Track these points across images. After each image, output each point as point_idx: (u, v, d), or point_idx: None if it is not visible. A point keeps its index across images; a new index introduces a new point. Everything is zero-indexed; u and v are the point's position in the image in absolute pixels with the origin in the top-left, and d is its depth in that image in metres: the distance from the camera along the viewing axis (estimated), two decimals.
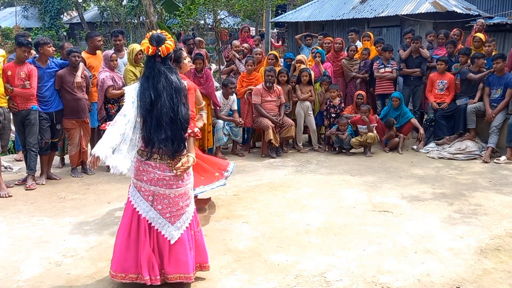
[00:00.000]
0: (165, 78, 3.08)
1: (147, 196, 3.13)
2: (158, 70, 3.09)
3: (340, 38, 8.84)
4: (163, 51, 3.11)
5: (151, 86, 3.06)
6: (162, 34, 3.17)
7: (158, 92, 3.04)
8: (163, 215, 3.14)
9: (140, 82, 3.15)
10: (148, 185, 3.12)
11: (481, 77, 7.39)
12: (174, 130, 3.06)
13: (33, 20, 26.64)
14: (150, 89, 3.05)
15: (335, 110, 7.74)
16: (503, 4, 12.61)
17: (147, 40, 3.11)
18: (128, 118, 3.07)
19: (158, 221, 3.13)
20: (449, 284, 3.30)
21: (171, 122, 3.05)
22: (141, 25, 20.05)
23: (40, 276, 3.49)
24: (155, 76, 3.08)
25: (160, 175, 3.10)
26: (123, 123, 3.07)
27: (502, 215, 4.64)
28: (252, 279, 3.41)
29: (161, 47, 3.10)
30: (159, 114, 3.03)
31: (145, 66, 3.19)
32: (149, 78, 3.10)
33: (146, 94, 3.06)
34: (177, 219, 3.16)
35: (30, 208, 5.02)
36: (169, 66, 3.18)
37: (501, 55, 7.19)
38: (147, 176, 3.11)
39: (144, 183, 3.13)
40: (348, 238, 4.12)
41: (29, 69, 5.63)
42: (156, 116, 3.03)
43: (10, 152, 7.83)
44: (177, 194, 3.15)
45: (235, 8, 12.95)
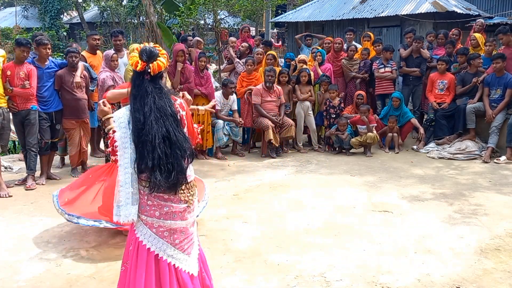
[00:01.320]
0: (153, 101, 2.61)
1: (161, 233, 2.67)
2: (145, 89, 2.63)
3: (340, 38, 8.84)
4: (153, 69, 2.65)
5: (139, 108, 2.61)
6: (155, 49, 2.71)
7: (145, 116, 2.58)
8: (181, 249, 2.72)
9: (130, 103, 2.69)
10: (162, 220, 2.66)
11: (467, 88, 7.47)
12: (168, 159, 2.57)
13: (33, 20, 26.63)
14: (139, 111, 2.61)
15: (335, 111, 7.74)
16: (503, 4, 12.61)
17: (137, 54, 2.66)
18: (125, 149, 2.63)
19: (179, 257, 2.70)
20: (449, 284, 3.30)
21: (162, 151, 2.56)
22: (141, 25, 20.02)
23: (40, 276, 3.49)
24: (142, 97, 2.62)
25: (175, 208, 2.66)
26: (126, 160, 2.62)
27: (502, 215, 4.63)
28: (252, 279, 3.41)
29: (151, 64, 2.65)
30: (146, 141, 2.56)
31: (133, 84, 2.69)
32: (136, 97, 2.64)
33: (137, 117, 2.60)
34: (192, 249, 2.78)
35: (30, 208, 5.02)
36: (159, 86, 2.70)
37: (501, 55, 7.18)
38: (159, 210, 2.64)
39: (156, 218, 2.65)
40: (348, 238, 4.12)
41: (29, 69, 5.63)
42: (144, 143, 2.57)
43: (10, 152, 7.83)
44: (190, 223, 2.76)
45: (235, 8, 12.94)
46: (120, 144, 2.62)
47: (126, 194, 2.58)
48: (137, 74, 2.68)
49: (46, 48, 5.82)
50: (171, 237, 2.68)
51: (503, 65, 7.12)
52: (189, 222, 2.75)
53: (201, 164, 6.93)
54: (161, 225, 2.66)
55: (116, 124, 2.64)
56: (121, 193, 2.57)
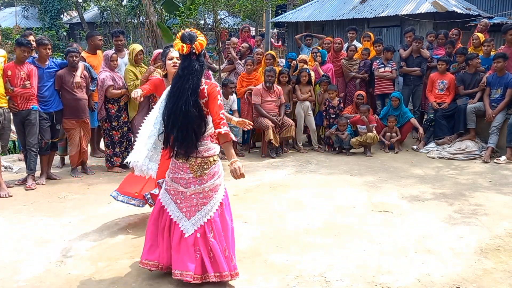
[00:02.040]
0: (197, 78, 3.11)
1: (170, 191, 3.31)
2: (192, 68, 3.10)
3: (340, 38, 8.85)
4: (197, 48, 3.13)
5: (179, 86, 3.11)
6: (192, 32, 3.18)
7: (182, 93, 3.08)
8: (180, 210, 3.28)
9: (172, 83, 3.21)
10: (172, 182, 3.29)
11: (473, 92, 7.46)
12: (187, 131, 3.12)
13: (33, 20, 26.61)
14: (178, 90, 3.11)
15: (334, 111, 7.74)
16: (503, 4, 12.60)
17: (179, 40, 3.12)
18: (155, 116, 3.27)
19: (177, 215, 3.28)
20: (449, 284, 3.29)
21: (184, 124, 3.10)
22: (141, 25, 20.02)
23: (40, 276, 3.49)
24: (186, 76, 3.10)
25: (182, 175, 3.23)
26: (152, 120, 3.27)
27: (502, 215, 4.63)
28: (252, 279, 3.41)
29: (194, 44, 3.12)
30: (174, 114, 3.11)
31: (180, 66, 3.18)
32: (181, 77, 3.12)
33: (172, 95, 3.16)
34: (192, 215, 3.26)
35: (30, 208, 5.02)
36: (203, 62, 3.19)
37: (503, 55, 7.18)
38: (173, 174, 3.27)
39: (169, 179, 3.30)
40: (348, 238, 4.12)
41: (29, 69, 5.63)
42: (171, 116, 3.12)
43: (10, 152, 7.83)
44: (192, 192, 3.24)
45: (235, 8, 12.94)
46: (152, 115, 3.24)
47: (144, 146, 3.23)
48: (184, 56, 3.13)
49: (47, 48, 5.82)
50: (175, 197, 3.28)
51: (504, 64, 7.12)
52: (192, 191, 3.23)
53: None
54: (170, 185, 3.28)
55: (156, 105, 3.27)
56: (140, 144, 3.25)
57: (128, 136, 6.54)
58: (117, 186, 5.80)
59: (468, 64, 7.55)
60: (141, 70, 6.35)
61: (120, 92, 6.26)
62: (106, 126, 6.39)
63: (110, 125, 6.37)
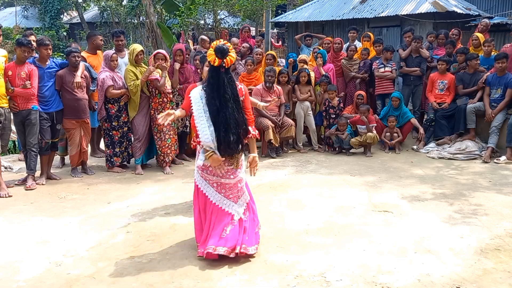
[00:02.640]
0: (230, 89, 3.54)
1: (211, 183, 3.73)
2: (222, 80, 3.52)
3: (340, 38, 8.85)
4: (227, 63, 3.53)
5: (216, 96, 3.52)
6: (226, 46, 3.54)
7: (225, 102, 3.51)
8: (227, 197, 3.74)
9: (206, 90, 3.59)
10: (212, 176, 3.70)
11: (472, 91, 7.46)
12: (237, 134, 3.57)
13: (33, 20, 26.62)
14: (215, 98, 3.52)
15: (334, 111, 7.74)
16: (503, 4, 12.60)
17: (213, 52, 3.50)
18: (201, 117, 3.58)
19: (224, 202, 3.73)
20: (449, 284, 3.29)
21: (235, 128, 3.55)
22: (141, 25, 20.03)
23: (40, 276, 3.49)
24: (220, 86, 3.53)
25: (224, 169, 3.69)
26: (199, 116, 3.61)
27: (502, 215, 4.63)
28: (252, 279, 3.41)
29: (225, 59, 3.51)
30: (225, 121, 3.51)
31: (210, 75, 3.59)
32: (213, 86, 3.54)
33: (212, 102, 3.53)
34: (238, 199, 3.79)
35: (30, 208, 5.02)
36: (230, 75, 3.60)
37: (506, 55, 7.18)
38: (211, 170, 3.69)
39: (209, 175, 3.71)
40: (348, 238, 4.12)
41: (30, 69, 5.63)
42: (222, 122, 3.51)
43: (10, 152, 7.83)
44: (235, 180, 3.76)
45: (235, 8, 12.96)
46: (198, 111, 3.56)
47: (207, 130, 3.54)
48: (214, 67, 3.55)
49: (48, 48, 5.83)
50: (219, 187, 3.72)
51: (507, 65, 7.11)
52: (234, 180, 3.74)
53: None
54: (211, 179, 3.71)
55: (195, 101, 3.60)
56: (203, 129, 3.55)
57: (128, 136, 6.54)
58: (117, 186, 5.82)
59: (468, 64, 7.55)
60: (141, 70, 6.35)
61: (120, 92, 6.26)
62: (106, 126, 6.40)
63: (110, 125, 6.37)
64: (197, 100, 3.61)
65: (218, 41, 3.59)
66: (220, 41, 3.59)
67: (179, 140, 6.87)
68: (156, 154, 6.63)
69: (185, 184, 5.89)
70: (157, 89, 6.30)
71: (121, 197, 5.38)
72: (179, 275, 3.47)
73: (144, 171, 6.45)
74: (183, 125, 6.94)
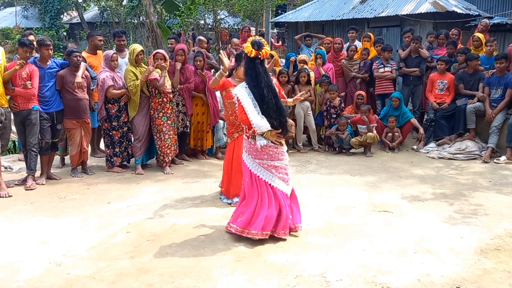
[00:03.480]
0: (266, 78, 3.93)
1: (270, 168, 4.07)
2: (258, 70, 3.92)
3: (340, 38, 8.85)
4: (263, 55, 3.94)
5: (257, 85, 3.90)
6: (261, 40, 3.96)
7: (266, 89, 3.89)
8: (284, 180, 4.12)
9: (247, 81, 3.98)
10: (269, 161, 4.06)
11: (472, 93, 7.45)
12: (282, 118, 3.96)
13: (33, 20, 26.62)
14: (257, 87, 3.90)
15: (336, 111, 7.74)
16: (503, 4, 12.61)
17: (250, 44, 3.90)
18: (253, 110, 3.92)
19: (281, 184, 4.10)
20: (449, 284, 3.29)
21: (278, 113, 3.92)
22: (141, 25, 20.04)
23: (40, 276, 3.49)
24: (258, 75, 3.91)
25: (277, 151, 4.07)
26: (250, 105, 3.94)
27: (502, 215, 4.63)
28: (252, 279, 3.41)
29: (261, 51, 3.91)
30: (268, 107, 3.87)
31: (247, 66, 3.98)
32: (252, 77, 3.93)
33: (254, 91, 3.91)
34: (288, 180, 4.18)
35: (30, 208, 5.02)
36: (265, 68, 3.99)
37: (505, 55, 7.19)
38: (268, 154, 4.05)
39: (266, 160, 4.05)
40: (348, 238, 4.12)
41: (31, 69, 5.63)
42: (266, 109, 3.87)
43: (10, 152, 7.83)
44: (285, 162, 4.14)
45: (235, 8, 12.96)
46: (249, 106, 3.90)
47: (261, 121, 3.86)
48: (251, 59, 3.94)
49: (48, 49, 5.82)
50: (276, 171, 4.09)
51: (506, 65, 7.12)
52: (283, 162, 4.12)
53: (201, 164, 6.93)
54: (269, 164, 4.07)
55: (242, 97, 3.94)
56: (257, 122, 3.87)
57: (128, 136, 6.54)
58: (117, 186, 5.83)
59: (468, 64, 7.55)
60: (141, 70, 6.35)
61: (120, 92, 6.26)
62: (106, 126, 6.39)
63: (110, 125, 6.37)
64: (245, 96, 3.95)
65: (254, 37, 4.02)
66: (255, 36, 4.02)
67: (179, 140, 6.87)
68: (156, 154, 6.63)
69: (185, 184, 5.89)
70: (157, 89, 6.30)
71: (121, 197, 5.38)
72: (179, 275, 3.47)
73: (144, 171, 6.45)
74: (183, 125, 6.94)
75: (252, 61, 3.94)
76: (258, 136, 4.01)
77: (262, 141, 4.02)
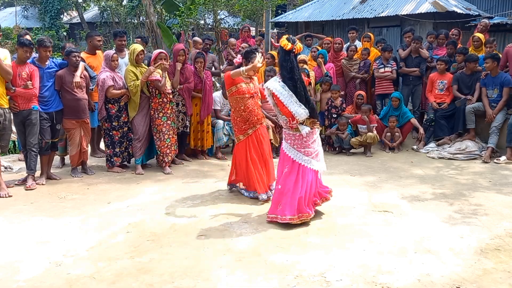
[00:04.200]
0: (298, 71, 4.39)
1: (311, 154, 4.50)
2: (292, 62, 4.34)
3: (340, 38, 8.85)
4: (297, 49, 4.37)
5: (291, 77, 4.31)
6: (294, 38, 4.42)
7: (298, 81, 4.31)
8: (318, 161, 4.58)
9: (282, 73, 4.38)
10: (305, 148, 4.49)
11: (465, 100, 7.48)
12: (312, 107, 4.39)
13: (33, 20, 26.63)
14: (291, 79, 4.30)
15: (337, 111, 7.74)
16: (503, 4, 12.60)
17: (285, 39, 4.35)
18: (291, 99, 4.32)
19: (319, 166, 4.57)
20: (449, 284, 3.29)
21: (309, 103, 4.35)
22: (141, 25, 20.04)
23: (40, 276, 3.49)
24: (293, 68, 4.33)
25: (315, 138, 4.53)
26: None
27: (502, 215, 4.64)
28: (252, 279, 3.41)
29: (295, 46, 4.33)
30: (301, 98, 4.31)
31: (283, 59, 4.35)
32: (288, 69, 4.32)
33: (289, 83, 4.30)
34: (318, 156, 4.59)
35: (30, 208, 5.02)
36: (297, 61, 4.49)
37: (492, 55, 7.21)
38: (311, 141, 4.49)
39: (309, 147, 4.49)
40: (348, 238, 4.12)
41: (31, 69, 5.62)
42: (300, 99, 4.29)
43: (10, 152, 7.83)
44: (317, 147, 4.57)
45: (235, 8, 12.95)
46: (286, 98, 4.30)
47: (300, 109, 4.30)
48: (286, 52, 4.34)
49: (47, 50, 5.81)
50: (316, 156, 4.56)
51: (493, 65, 7.12)
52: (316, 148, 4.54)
53: (201, 164, 6.93)
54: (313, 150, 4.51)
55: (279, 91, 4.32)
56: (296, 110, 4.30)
57: (128, 136, 6.54)
58: (117, 186, 5.82)
59: (466, 65, 7.55)
60: (142, 71, 6.35)
61: (120, 92, 6.26)
62: (107, 126, 6.39)
63: (110, 125, 6.37)
64: (281, 90, 4.31)
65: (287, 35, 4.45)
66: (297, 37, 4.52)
67: (179, 140, 6.87)
68: (156, 154, 6.63)
69: (185, 184, 5.89)
70: (158, 89, 6.30)
71: (121, 197, 5.38)
72: (179, 275, 3.47)
73: (144, 171, 6.45)
74: (183, 125, 6.94)
75: (288, 54, 4.33)
76: (300, 125, 4.38)
77: (306, 128, 4.40)
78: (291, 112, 4.28)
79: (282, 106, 4.32)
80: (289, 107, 4.28)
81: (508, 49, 7.48)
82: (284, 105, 4.29)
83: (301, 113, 4.29)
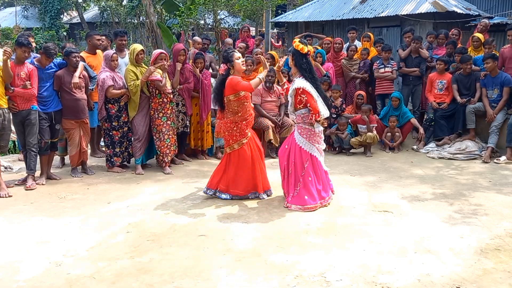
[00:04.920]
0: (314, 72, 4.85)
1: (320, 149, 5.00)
2: (310, 63, 4.79)
3: (340, 38, 8.85)
4: (310, 51, 4.85)
5: (312, 77, 4.75)
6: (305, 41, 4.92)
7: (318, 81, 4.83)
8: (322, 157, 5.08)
9: (303, 74, 4.77)
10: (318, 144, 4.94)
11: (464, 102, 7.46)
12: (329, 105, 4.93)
13: (33, 20, 26.62)
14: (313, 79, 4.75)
15: (337, 111, 7.73)
16: (503, 4, 12.59)
17: (299, 42, 4.78)
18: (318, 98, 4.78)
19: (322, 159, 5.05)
20: (449, 284, 3.29)
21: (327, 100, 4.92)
22: (141, 25, 20.03)
23: (40, 276, 3.49)
24: (312, 69, 4.81)
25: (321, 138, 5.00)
26: None
27: (502, 215, 4.64)
28: (252, 279, 3.41)
29: (308, 48, 4.81)
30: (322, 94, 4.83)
31: (301, 62, 4.77)
32: (307, 70, 4.76)
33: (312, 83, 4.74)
34: None
35: (30, 208, 5.02)
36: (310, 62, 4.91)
37: (492, 55, 7.20)
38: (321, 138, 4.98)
39: (320, 144, 4.98)
40: (348, 238, 4.12)
41: (30, 69, 5.62)
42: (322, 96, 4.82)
43: (10, 152, 7.83)
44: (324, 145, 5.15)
45: (235, 8, 12.95)
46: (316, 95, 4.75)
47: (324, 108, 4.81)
48: (303, 55, 4.78)
49: (48, 60, 5.79)
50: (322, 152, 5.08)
51: (494, 65, 7.12)
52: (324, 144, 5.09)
53: (201, 164, 6.93)
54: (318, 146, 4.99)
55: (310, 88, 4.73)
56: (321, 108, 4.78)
57: (128, 136, 6.54)
58: (117, 186, 5.82)
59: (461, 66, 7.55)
60: (142, 70, 6.35)
61: (120, 92, 6.26)
62: (106, 126, 6.39)
63: (110, 125, 6.37)
64: (311, 89, 4.70)
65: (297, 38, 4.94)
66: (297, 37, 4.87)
67: (179, 140, 6.87)
68: (156, 154, 6.63)
69: (185, 184, 5.89)
70: (158, 89, 6.30)
71: (121, 197, 5.38)
72: (179, 275, 3.47)
73: (144, 171, 6.45)
74: (183, 125, 6.94)
75: (304, 57, 4.75)
76: (316, 123, 4.80)
77: (320, 127, 4.89)
78: (318, 110, 4.70)
79: (314, 102, 4.70)
80: (318, 105, 4.70)
81: (503, 51, 7.48)
82: (316, 101, 4.70)
83: (324, 113, 4.77)
